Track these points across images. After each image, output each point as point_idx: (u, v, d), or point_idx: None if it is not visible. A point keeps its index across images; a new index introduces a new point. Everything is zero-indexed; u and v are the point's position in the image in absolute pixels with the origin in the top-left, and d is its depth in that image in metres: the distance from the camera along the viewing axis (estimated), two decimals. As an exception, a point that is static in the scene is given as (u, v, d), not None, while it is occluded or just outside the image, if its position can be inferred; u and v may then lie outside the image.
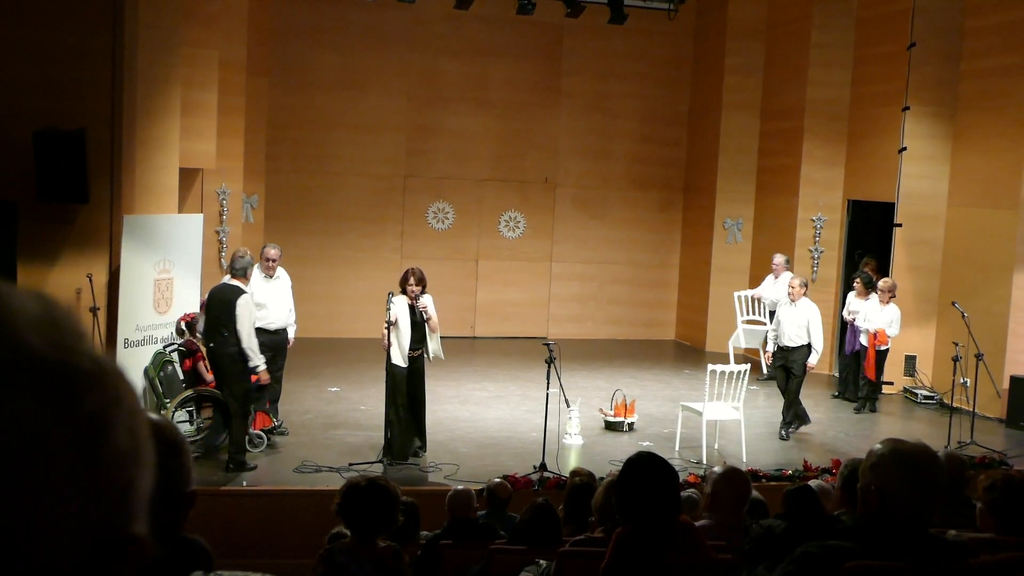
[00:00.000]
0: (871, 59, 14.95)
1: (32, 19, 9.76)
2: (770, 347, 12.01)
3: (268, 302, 10.49)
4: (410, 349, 9.84)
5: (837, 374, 14.57)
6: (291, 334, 10.85)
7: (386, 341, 9.81)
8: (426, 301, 9.83)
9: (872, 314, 12.92)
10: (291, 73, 16.40)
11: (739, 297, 15.58)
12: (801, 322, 11.63)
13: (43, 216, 9.77)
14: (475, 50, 17.27)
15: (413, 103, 17.13)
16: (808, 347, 11.62)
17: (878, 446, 3.26)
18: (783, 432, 11.64)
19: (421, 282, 9.86)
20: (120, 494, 0.78)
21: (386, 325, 9.75)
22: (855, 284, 13.66)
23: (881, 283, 13.06)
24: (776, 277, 14.93)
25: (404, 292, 9.90)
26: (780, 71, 16.42)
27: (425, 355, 9.99)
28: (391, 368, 9.85)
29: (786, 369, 11.71)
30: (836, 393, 13.97)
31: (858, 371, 13.36)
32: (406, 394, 9.91)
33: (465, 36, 17.17)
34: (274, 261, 10.67)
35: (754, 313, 15.36)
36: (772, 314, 14.16)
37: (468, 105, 17.36)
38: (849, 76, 15.40)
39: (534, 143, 17.74)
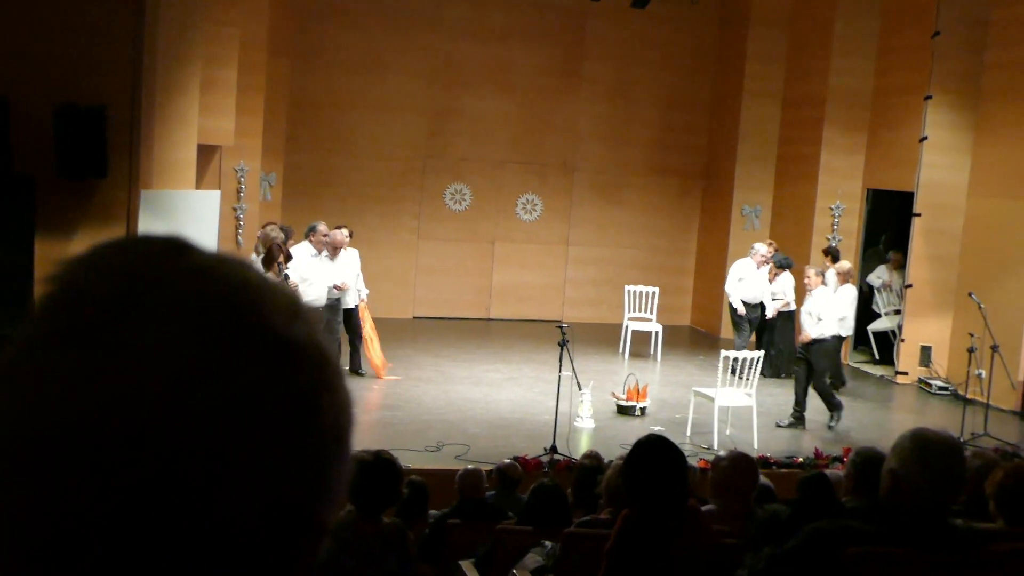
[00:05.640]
0: (895, 49, 14.83)
1: (54, -6, 9.78)
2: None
3: (315, 279, 11.80)
4: None
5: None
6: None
7: None
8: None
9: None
10: (312, 53, 16.39)
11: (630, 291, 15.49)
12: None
13: (61, 191, 9.80)
14: (497, 33, 17.22)
15: (434, 85, 17.10)
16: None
17: (906, 432, 3.29)
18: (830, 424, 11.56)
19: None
20: (315, 478, 0.76)
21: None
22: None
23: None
24: (759, 268, 13.92)
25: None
26: (803, 59, 16.32)
27: None
28: None
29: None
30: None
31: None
32: None
33: (487, 19, 17.12)
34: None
35: (643, 310, 15.32)
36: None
37: (489, 88, 17.32)
38: (872, 65, 15.29)
39: (554, 127, 17.69)
